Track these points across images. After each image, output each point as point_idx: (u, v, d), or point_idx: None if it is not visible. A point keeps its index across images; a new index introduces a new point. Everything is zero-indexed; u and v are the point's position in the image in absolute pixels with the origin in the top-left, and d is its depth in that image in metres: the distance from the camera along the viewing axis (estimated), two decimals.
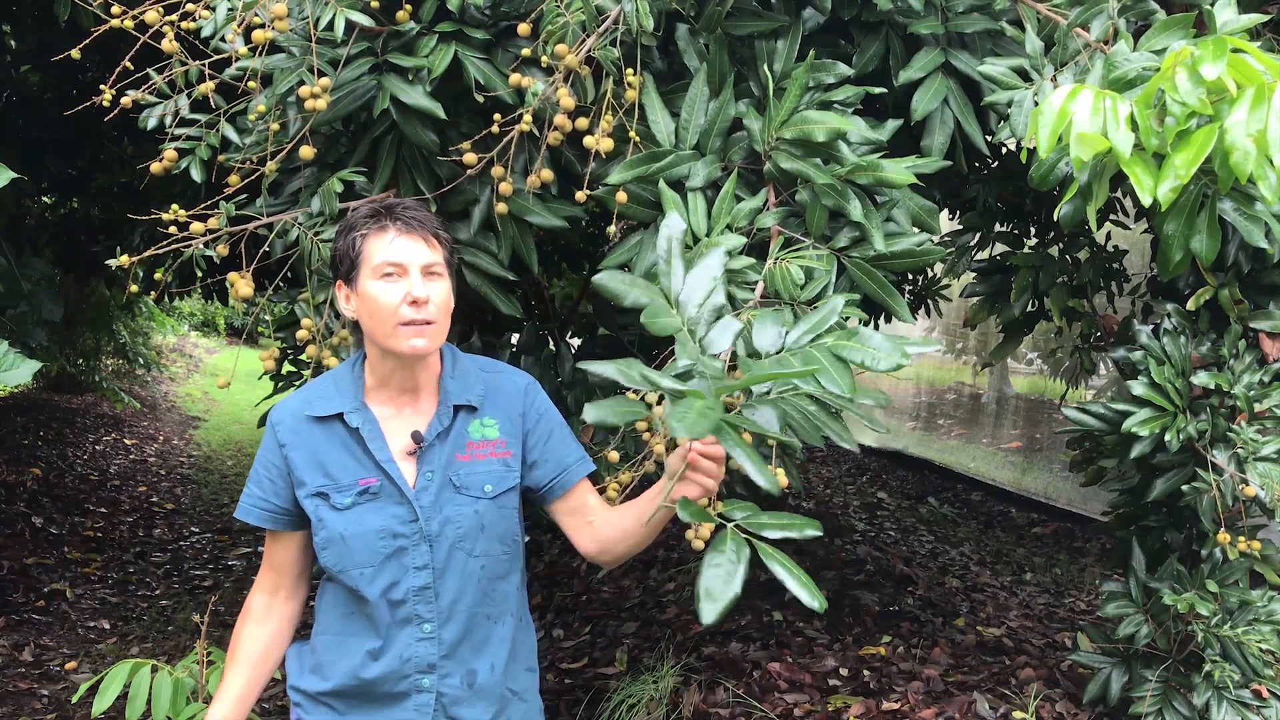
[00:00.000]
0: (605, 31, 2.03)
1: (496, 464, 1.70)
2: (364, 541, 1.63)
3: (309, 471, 1.65)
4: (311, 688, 1.72)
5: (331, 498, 1.64)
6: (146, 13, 2.06)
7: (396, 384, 1.67)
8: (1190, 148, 1.51)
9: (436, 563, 1.65)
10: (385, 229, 1.61)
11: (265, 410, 2.73)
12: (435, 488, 1.66)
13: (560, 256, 4.42)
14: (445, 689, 1.68)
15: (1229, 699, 2.62)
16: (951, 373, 8.08)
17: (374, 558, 1.64)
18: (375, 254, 1.60)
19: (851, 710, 3.31)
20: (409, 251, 1.60)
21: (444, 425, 1.67)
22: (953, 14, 2.32)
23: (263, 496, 1.69)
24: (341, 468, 1.65)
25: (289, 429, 1.66)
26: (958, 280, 3.67)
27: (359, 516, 1.64)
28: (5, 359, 2.03)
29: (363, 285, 1.61)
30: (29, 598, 4.60)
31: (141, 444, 8.31)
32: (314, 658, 1.73)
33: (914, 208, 2.18)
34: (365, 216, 1.63)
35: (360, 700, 1.68)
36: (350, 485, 1.64)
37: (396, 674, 1.66)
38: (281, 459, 1.66)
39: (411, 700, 1.67)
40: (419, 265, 1.60)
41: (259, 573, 1.78)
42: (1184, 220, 1.83)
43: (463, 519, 1.66)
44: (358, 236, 1.61)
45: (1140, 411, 2.53)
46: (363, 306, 1.62)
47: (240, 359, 3.49)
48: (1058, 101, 1.57)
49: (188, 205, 2.14)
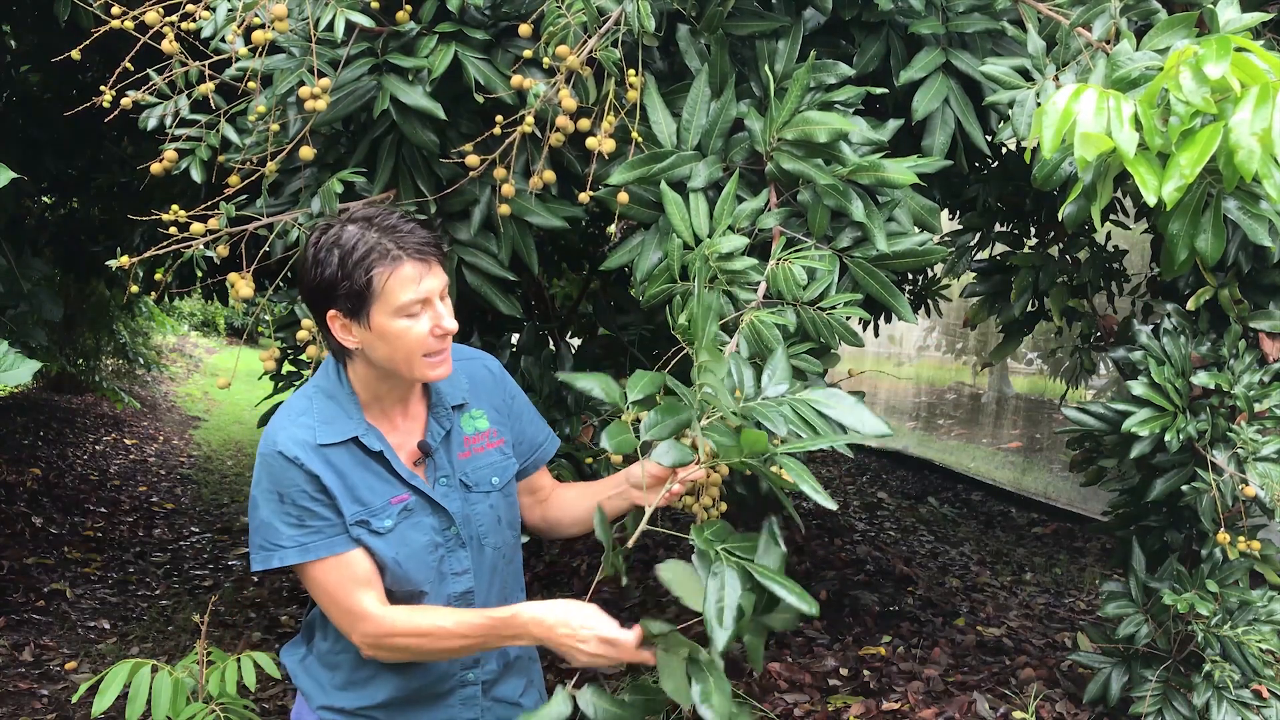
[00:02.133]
0: (606, 32, 2.03)
1: (495, 454, 1.71)
2: (417, 561, 1.60)
3: (345, 502, 1.56)
4: (350, 704, 1.67)
5: (372, 523, 1.57)
6: (146, 13, 2.06)
7: (390, 397, 1.62)
8: (1195, 147, 1.51)
9: (473, 565, 1.66)
10: (399, 262, 1.49)
11: (266, 408, 2.74)
12: (455, 491, 1.65)
13: (560, 256, 4.42)
14: (485, 675, 1.70)
15: (1229, 699, 2.62)
16: (951, 373, 8.08)
17: (429, 573, 1.62)
18: (396, 292, 1.49)
19: (851, 710, 3.31)
20: (430, 284, 1.52)
21: (445, 429, 1.65)
22: (953, 14, 2.32)
23: (318, 527, 1.54)
24: (370, 490, 1.57)
25: (313, 461, 1.54)
26: (958, 280, 3.67)
27: (403, 536, 1.59)
28: (5, 359, 2.03)
29: (380, 322, 1.50)
30: (29, 598, 4.60)
31: (141, 444, 8.31)
32: (334, 675, 1.68)
33: (916, 207, 2.18)
34: (368, 247, 1.49)
35: (405, 706, 1.67)
36: (384, 507, 1.58)
37: (445, 675, 1.67)
38: (320, 487, 1.54)
39: (457, 695, 1.69)
40: (438, 293, 1.54)
41: (353, 604, 1.57)
42: (1189, 220, 1.83)
43: (482, 516, 1.67)
44: (362, 270, 1.48)
45: (1140, 411, 2.53)
46: (378, 342, 1.52)
47: (240, 359, 3.49)
48: (1062, 101, 1.57)
49: (188, 206, 2.14)
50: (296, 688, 1.75)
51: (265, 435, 1.57)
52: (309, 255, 1.54)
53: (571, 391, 2.79)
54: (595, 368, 2.91)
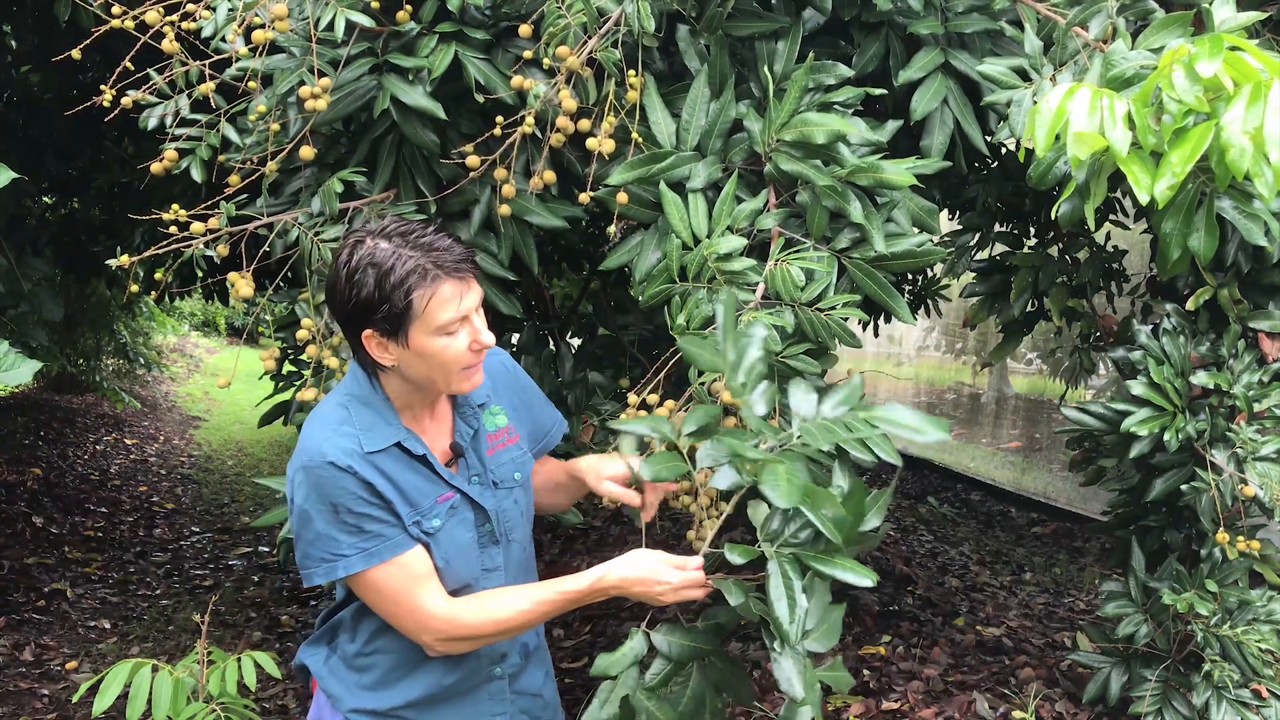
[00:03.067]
0: (606, 33, 2.04)
1: (515, 449, 1.74)
2: (464, 558, 1.63)
3: (400, 505, 1.56)
4: (381, 705, 1.67)
5: (423, 524, 1.59)
6: (147, 13, 2.06)
7: (421, 402, 1.63)
8: (1186, 145, 1.51)
9: (504, 560, 1.69)
10: (438, 281, 1.48)
11: (266, 408, 2.74)
12: (488, 490, 1.67)
13: (560, 256, 4.42)
14: (510, 669, 1.73)
15: (1228, 699, 2.62)
16: (951, 373, 8.08)
17: (475, 570, 1.65)
18: (436, 313, 1.48)
19: (851, 710, 3.31)
20: (470, 302, 1.52)
21: (473, 429, 1.67)
22: (952, 14, 2.33)
23: (377, 530, 1.54)
24: (419, 492, 1.59)
25: (365, 468, 1.53)
26: (957, 280, 3.67)
27: (450, 534, 1.61)
28: (5, 359, 2.03)
29: (419, 341, 1.50)
30: (29, 598, 4.60)
31: (142, 444, 8.31)
32: (363, 676, 1.68)
33: (914, 208, 2.19)
34: (406, 269, 1.47)
35: (436, 704, 1.68)
36: (433, 506, 1.60)
37: (475, 671, 1.69)
38: (375, 493, 1.54)
39: (485, 690, 1.71)
40: (475, 308, 1.54)
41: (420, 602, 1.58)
42: (1182, 218, 1.84)
43: (509, 511, 1.70)
44: (401, 293, 1.47)
45: (1139, 411, 2.53)
46: (415, 360, 1.53)
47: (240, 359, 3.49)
48: (1055, 100, 1.57)
49: (188, 205, 2.14)
50: (322, 690, 1.73)
51: (306, 449, 1.54)
52: (342, 274, 1.50)
53: (572, 391, 2.80)
54: (595, 368, 2.91)
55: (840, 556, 1.42)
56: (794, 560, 1.43)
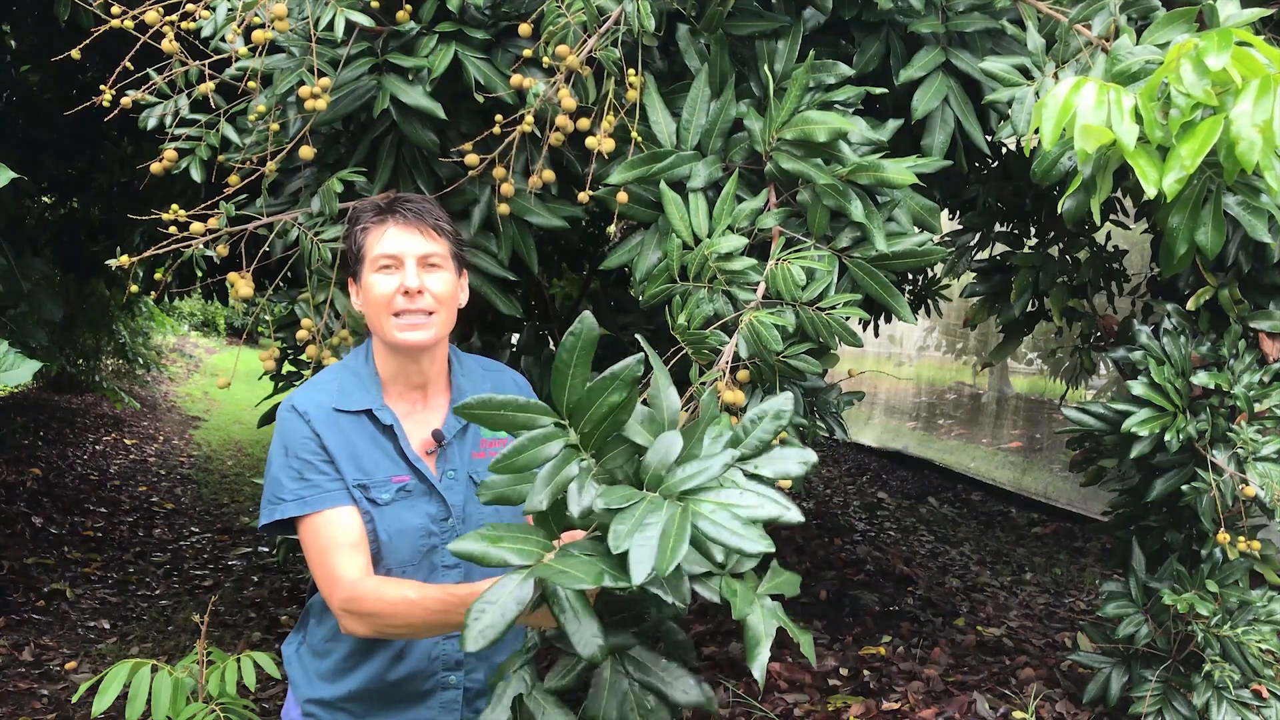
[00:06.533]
0: (606, 32, 2.03)
1: None
2: (406, 540, 1.63)
3: (345, 463, 1.61)
4: (327, 695, 1.69)
5: (371, 490, 1.62)
6: (146, 13, 2.05)
7: (405, 380, 1.68)
8: (1195, 138, 1.51)
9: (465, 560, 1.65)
10: (384, 222, 1.63)
11: (266, 409, 2.74)
12: (461, 486, 1.67)
13: (560, 256, 4.42)
14: (471, 684, 1.70)
15: (1229, 699, 2.62)
16: (951, 373, 8.08)
17: (415, 556, 1.64)
18: (374, 247, 1.62)
19: (851, 710, 3.31)
20: (405, 243, 1.62)
21: (461, 423, 1.68)
22: (953, 13, 2.32)
23: (316, 480, 1.59)
24: (374, 464, 1.62)
25: (320, 420, 1.61)
26: (958, 280, 3.67)
27: (398, 514, 1.62)
28: (5, 359, 2.03)
29: (364, 278, 1.64)
30: (29, 598, 4.60)
31: (141, 444, 8.31)
32: (321, 664, 1.70)
33: (915, 207, 2.18)
34: (368, 211, 1.66)
35: (381, 702, 1.67)
36: (385, 481, 1.63)
37: (424, 673, 1.67)
38: (320, 445, 1.60)
39: (437, 698, 1.69)
40: (415, 256, 1.62)
41: (336, 564, 1.55)
42: (1189, 213, 1.83)
43: (484, 516, 1.68)
44: (358, 231, 1.65)
45: (1140, 411, 2.53)
46: (365, 299, 1.65)
47: (240, 359, 3.49)
48: (1062, 94, 1.57)
49: (188, 205, 2.14)
50: (289, 678, 1.76)
51: (287, 399, 1.66)
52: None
53: None
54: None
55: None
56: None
